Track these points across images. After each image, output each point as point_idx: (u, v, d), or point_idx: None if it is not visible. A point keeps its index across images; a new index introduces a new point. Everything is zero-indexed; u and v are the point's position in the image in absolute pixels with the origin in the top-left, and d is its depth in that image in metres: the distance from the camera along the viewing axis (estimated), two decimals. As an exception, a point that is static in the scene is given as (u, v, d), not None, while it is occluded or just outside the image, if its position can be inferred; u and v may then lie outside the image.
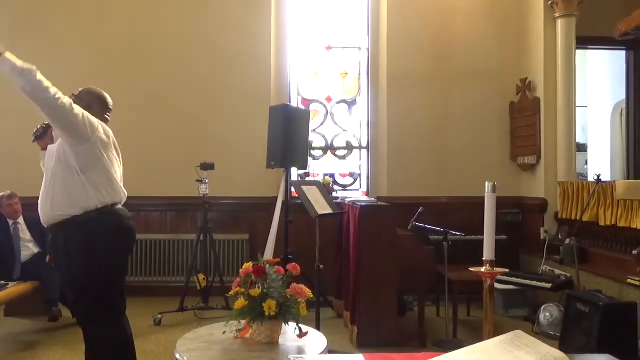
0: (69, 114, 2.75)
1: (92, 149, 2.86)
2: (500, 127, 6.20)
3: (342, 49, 6.48)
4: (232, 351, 2.48)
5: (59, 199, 2.85)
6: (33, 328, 4.80)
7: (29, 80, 2.63)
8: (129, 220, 3.02)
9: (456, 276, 4.52)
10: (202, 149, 5.67)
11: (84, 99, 3.06)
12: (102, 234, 2.86)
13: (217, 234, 5.48)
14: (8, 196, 4.90)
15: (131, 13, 6.05)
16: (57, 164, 2.87)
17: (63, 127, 2.80)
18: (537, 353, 1.15)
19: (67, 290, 3.00)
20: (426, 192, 5.97)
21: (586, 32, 5.77)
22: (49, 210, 2.89)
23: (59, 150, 2.88)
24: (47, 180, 2.93)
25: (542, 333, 4.54)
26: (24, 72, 2.61)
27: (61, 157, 2.86)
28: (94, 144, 2.86)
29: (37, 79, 2.66)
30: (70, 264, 2.89)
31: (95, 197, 2.86)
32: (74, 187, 2.83)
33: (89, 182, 2.85)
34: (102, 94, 3.19)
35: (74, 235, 2.86)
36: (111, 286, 2.93)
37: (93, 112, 2.97)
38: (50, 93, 2.70)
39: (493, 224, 1.61)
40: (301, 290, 2.58)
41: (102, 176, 2.90)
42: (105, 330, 2.91)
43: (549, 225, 5.66)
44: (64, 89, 2.85)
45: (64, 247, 2.90)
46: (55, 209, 2.86)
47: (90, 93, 3.15)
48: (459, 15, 6.17)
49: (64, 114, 2.74)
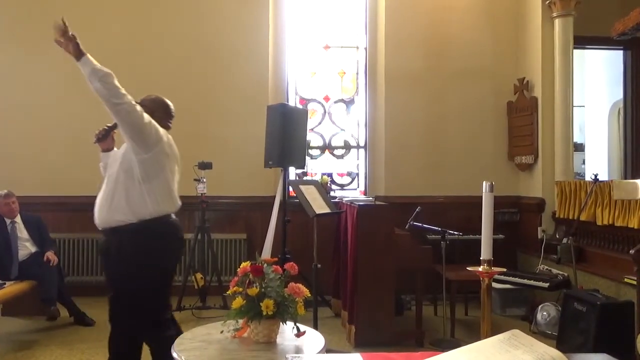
0: (140, 121, 2.83)
1: (155, 159, 2.94)
2: (497, 126, 6.21)
3: (340, 48, 6.48)
4: (229, 350, 2.48)
5: (117, 205, 2.91)
6: (30, 327, 4.79)
7: (106, 84, 2.71)
8: (180, 231, 3.14)
9: (454, 275, 4.53)
10: (200, 148, 5.65)
11: (148, 105, 3.10)
12: (155, 242, 2.93)
13: (214, 233, 5.47)
14: (5, 195, 4.89)
15: (128, 12, 6.03)
16: (120, 169, 2.93)
17: (132, 134, 2.86)
18: (534, 352, 1.15)
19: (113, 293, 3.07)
20: (424, 191, 5.98)
21: (584, 32, 5.78)
22: (105, 214, 2.95)
23: (124, 157, 2.94)
24: (107, 184, 3.00)
25: (539, 332, 4.55)
26: (103, 75, 2.70)
27: (125, 164, 2.92)
28: (158, 154, 2.94)
29: (115, 84, 2.73)
30: (119, 269, 2.96)
31: (152, 207, 2.93)
32: (133, 195, 2.90)
33: (149, 191, 2.92)
34: (165, 101, 3.27)
35: (126, 241, 2.91)
36: (158, 293, 3.02)
37: (156, 119, 3.03)
38: (126, 99, 2.77)
39: (491, 223, 1.61)
40: (299, 290, 2.58)
41: (161, 187, 2.98)
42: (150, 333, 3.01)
43: (546, 224, 5.67)
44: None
45: (116, 252, 2.96)
46: (112, 214, 2.92)
47: (154, 100, 3.22)
48: (456, 15, 6.17)
49: (136, 121, 2.82)
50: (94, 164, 5.86)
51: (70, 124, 5.94)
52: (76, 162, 5.93)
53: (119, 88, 2.76)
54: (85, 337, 4.50)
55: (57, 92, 5.89)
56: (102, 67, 2.72)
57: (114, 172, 2.96)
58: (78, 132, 5.93)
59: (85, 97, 5.90)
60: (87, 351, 4.15)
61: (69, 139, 5.94)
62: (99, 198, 3.01)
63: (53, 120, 5.93)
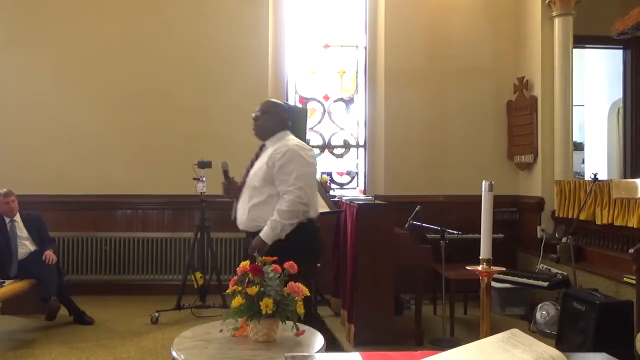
0: (304, 206, 3.06)
1: (309, 168, 3.19)
2: (497, 125, 6.20)
3: (340, 47, 6.47)
4: (229, 349, 2.48)
5: (261, 211, 3.08)
6: (29, 326, 4.79)
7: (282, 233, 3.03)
8: (319, 233, 3.28)
9: (453, 274, 4.53)
10: (199, 147, 5.65)
11: (275, 110, 3.32)
12: (299, 244, 3.05)
13: (214, 232, 5.47)
14: (4, 194, 4.89)
15: (128, 12, 6.02)
16: (263, 182, 3.09)
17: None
18: (534, 351, 1.15)
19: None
20: (423, 190, 5.98)
21: (583, 31, 5.77)
22: (248, 217, 3.14)
23: (267, 171, 3.09)
24: (251, 189, 3.14)
25: (538, 331, 4.55)
26: (276, 235, 3.01)
27: (268, 178, 3.09)
28: (314, 164, 3.25)
29: (281, 229, 3.03)
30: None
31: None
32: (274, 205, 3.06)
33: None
34: (282, 103, 3.54)
35: (272, 243, 3.07)
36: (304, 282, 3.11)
37: (283, 120, 3.25)
38: (292, 219, 3.04)
39: (490, 222, 1.60)
40: (298, 289, 2.58)
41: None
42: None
43: (545, 223, 5.67)
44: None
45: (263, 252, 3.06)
46: (256, 220, 3.11)
47: (275, 104, 3.46)
48: (456, 14, 6.16)
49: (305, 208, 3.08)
50: (93, 164, 5.91)
51: (70, 123, 5.94)
52: (76, 161, 5.94)
53: (284, 224, 3.03)
54: (84, 336, 4.51)
55: (58, 91, 5.89)
56: (269, 235, 3.04)
57: (258, 179, 3.12)
58: (78, 131, 5.96)
59: (85, 97, 5.95)
60: (86, 350, 4.15)
61: (69, 138, 5.95)
62: (241, 201, 3.21)
63: (53, 119, 5.92)
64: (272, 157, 3.11)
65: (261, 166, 3.16)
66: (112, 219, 6.02)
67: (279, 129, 3.31)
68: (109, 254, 5.92)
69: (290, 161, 3.06)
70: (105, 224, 5.97)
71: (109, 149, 5.98)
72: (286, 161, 3.06)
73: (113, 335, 4.56)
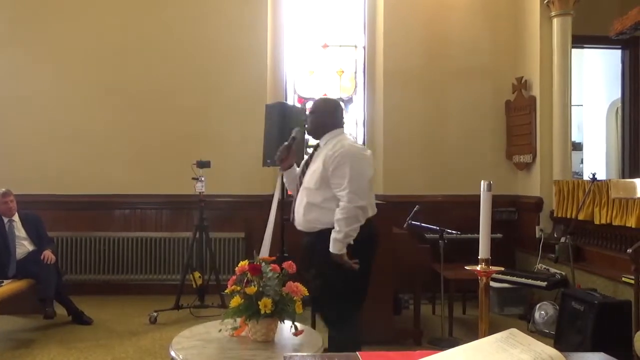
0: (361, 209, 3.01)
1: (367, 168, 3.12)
2: (495, 125, 6.20)
3: (339, 47, 6.47)
4: (227, 349, 2.49)
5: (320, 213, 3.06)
6: (28, 326, 4.79)
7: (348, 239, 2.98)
8: (377, 232, 3.25)
9: (452, 274, 4.53)
10: (198, 147, 5.65)
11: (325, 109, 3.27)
12: (358, 243, 3.03)
13: (212, 232, 5.47)
14: (3, 194, 4.88)
15: (127, 12, 6.02)
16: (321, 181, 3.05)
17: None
18: (532, 351, 1.15)
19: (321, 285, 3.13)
20: (422, 190, 5.98)
21: (582, 31, 5.78)
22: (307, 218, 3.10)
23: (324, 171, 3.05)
24: (308, 191, 3.12)
25: (537, 331, 4.56)
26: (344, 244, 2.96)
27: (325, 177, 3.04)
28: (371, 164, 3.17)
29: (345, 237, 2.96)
30: (322, 269, 3.06)
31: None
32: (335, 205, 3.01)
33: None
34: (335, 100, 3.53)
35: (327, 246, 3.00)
36: (358, 292, 3.14)
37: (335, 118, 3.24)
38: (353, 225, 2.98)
39: (488, 222, 1.60)
40: (297, 289, 2.59)
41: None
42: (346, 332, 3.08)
43: (544, 223, 5.68)
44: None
45: (320, 253, 3.05)
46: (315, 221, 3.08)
47: (325, 102, 3.44)
48: (455, 13, 6.16)
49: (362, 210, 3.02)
50: (92, 163, 5.91)
51: (69, 122, 5.94)
52: (75, 161, 5.94)
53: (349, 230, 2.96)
54: (83, 335, 4.50)
55: (57, 91, 5.89)
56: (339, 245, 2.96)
57: (314, 180, 3.08)
58: (77, 131, 5.96)
59: (84, 97, 5.95)
60: (85, 350, 4.15)
61: (68, 138, 5.95)
62: (298, 202, 3.19)
63: (52, 118, 5.93)
64: (327, 159, 3.06)
65: (316, 168, 3.12)
66: (110, 219, 6.02)
67: (330, 127, 3.24)
68: (107, 254, 5.92)
69: (343, 164, 3.00)
70: (103, 223, 5.97)
71: (108, 148, 5.97)
72: (340, 164, 3.00)
73: (112, 335, 4.55)
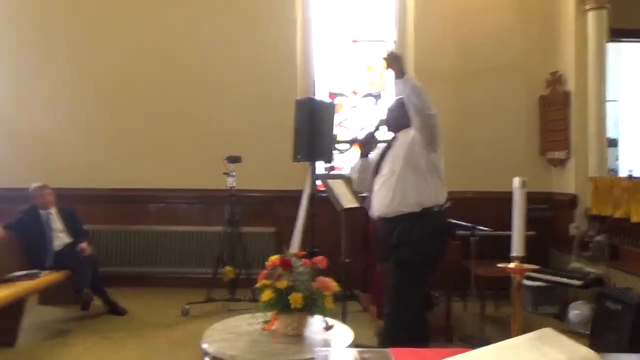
0: (439, 129, 3.19)
1: (440, 157, 3.30)
2: (529, 121, 6.10)
3: (368, 42, 6.44)
4: (259, 342, 2.51)
5: (402, 197, 3.17)
6: (65, 316, 4.91)
7: (421, 97, 3.06)
8: (448, 221, 3.37)
9: (483, 272, 4.48)
10: (229, 142, 5.71)
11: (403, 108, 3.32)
12: (431, 230, 3.18)
13: (243, 226, 5.51)
14: (40, 187, 5.01)
15: (159, 9, 6.11)
16: (405, 165, 3.19)
17: (430, 139, 3.20)
18: (567, 351, 1.14)
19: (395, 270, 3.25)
20: (453, 186, 5.81)
21: (619, 25, 5.63)
22: (388, 203, 3.20)
23: (407, 154, 3.20)
24: (389, 177, 3.24)
25: (571, 331, 4.48)
26: (419, 92, 3.06)
27: (410, 160, 3.19)
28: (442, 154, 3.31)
29: (427, 97, 3.07)
30: (396, 253, 3.19)
31: (433, 198, 3.23)
32: (418, 188, 3.18)
33: (432, 184, 3.24)
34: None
35: (407, 228, 3.17)
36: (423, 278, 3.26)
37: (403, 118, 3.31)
38: (434, 109, 3.12)
39: (523, 219, 1.59)
40: (327, 284, 2.59)
41: (440, 180, 3.30)
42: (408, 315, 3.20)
43: (579, 221, 5.55)
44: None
45: (397, 237, 3.19)
46: (398, 205, 3.18)
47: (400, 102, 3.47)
48: (486, 9, 6.06)
49: (437, 129, 3.20)
50: (126, 159, 6.01)
51: (105, 120, 6.07)
52: (110, 157, 6.06)
53: (429, 100, 3.06)
54: (117, 326, 4.62)
55: (95, 90, 6.02)
56: (417, 83, 3.03)
57: (397, 167, 3.21)
58: (114, 129, 6.09)
59: (120, 95, 6.06)
60: (118, 340, 4.25)
61: (104, 135, 6.09)
62: (377, 190, 3.29)
63: (89, 116, 6.07)
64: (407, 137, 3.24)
65: (396, 153, 3.27)
66: (144, 213, 6.12)
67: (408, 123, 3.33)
68: (141, 247, 6.03)
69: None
70: (138, 217, 6.08)
71: (143, 145, 6.09)
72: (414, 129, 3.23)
73: (145, 325, 4.65)
